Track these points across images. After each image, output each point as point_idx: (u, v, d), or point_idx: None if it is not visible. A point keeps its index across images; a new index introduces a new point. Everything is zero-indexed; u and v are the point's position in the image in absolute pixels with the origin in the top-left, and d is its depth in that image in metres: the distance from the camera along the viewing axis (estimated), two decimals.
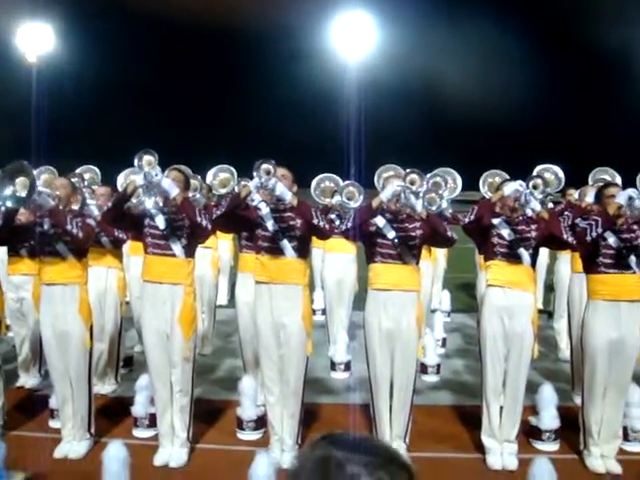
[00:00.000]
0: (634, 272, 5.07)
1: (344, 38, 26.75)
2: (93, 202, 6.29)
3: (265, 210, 5.23)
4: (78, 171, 8.07)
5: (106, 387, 6.76)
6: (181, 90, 31.49)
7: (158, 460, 5.12)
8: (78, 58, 27.17)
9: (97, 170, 8.49)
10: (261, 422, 5.66)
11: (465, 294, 11.95)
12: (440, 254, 9.77)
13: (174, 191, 5.02)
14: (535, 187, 5.15)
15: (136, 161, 5.02)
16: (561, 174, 7.13)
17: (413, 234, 5.18)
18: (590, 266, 5.18)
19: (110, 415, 6.02)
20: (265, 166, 4.95)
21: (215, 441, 5.62)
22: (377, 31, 27.37)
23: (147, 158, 5.02)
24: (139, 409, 5.67)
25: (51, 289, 5.32)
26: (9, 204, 4.92)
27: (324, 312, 8.77)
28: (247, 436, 5.67)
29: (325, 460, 1.22)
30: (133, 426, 5.69)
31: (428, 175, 7.04)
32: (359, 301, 7.24)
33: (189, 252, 5.23)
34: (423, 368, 7.22)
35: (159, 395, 5.24)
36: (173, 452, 5.18)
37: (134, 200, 5.52)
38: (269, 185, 4.96)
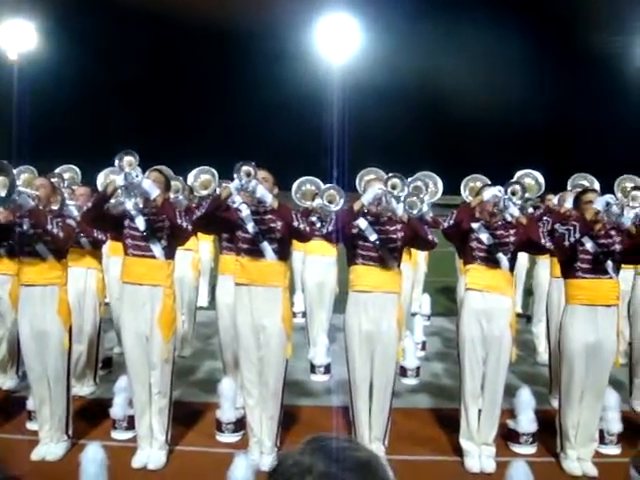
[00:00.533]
0: (611, 277, 5.14)
1: (328, 40, 26.86)
2: (72, 202, 6.25)
3: (246, 212, 5.24)
4: (58, 171, 8.03)
5: (84, 389, 6.71)
6: (163, 90, 31.31)
7: (136, 462, 5.10)
8: (60, 56, 26.95)
9: (77, 170, 8.45)
10: (240, 424, 5.65)
11: (445, 298, 12.00)
12: (421, 257, 9.82)
13: (154, 192, 5.00)
14: (514, 193, 5.20)
15: (116, 162, 5.00)
16: (541, 179, 7.19)
17: (394, 237, 5.21)
18: (568, 271, 5.23)
19: (88, 417, 5.99)
20: (245, 168, 4.96)
21: (194, 443, 5.61)
22: (361, 34, 27.51)
23: (127, 159, 5.00)
24: (117, 411, 5.64)
25: (30, 290, 5.29)
26: None
27: (304, 315, 8.77)
28: (226, 438, 5.67)
29: (307, 471, 1.21)
30: (111, 428, 5.66)
31: (409, 179, 7.08)
32: (339, 304, 7.26)
33: (169, 254, 5.22)
34: (402, 371, 7.25)
35: (138, 397, 5.22)
36: (151, 454, 5.16)
37: (113, 201, 5.50)
38: (249, 187, 4.97)
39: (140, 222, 5.17)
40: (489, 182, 6.63)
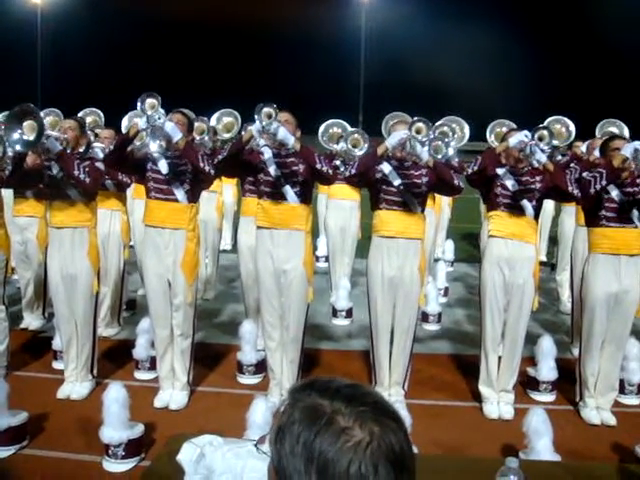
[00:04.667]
0: (636, 226, 5.03)
1: None
2: (99, 145, 6.21)
3: (268, 155, 5.18)
4: (81, 114, 8.00)
5: (109, 330, 6.82)
6: (188, 33, 30.97)
7: (158, 402, 5.19)
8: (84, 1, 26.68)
9: (100, 113, 8.43)
10: (261, 367, 5.72)
11: (468, 244, 11.95)
12: (445, 203, 9.73)
13: (177, 135, 4.96)
14: (541, 138, 5.08)
15: (139, 104, 4.96)
16: (572, 127, 7.04)
17: (419, 182, 5.15)
18: (592, 219, 5.14)
19: (113, 358, 6.10)
20: (266, 110, 4.89)
21: (215, 384, 5.69)
22: None
23: (150, 101, 4.95)
24: (140, 352, 5.72)
25: (60, 232, 5.32)
26: (18, 148, 4.86)
27: (327, 259, 8.78)
28: (247, 380, 5.74)
29: (313, 410, 1.21)
30: (135, 368, 5.76)
31: (436, 123, 6.97)
32: (362, 249, 7.25)
33: (192, 197, 5.21)
34: (424, 317, 7.26)
35: (160, 338, 5.28)
36: (173, 394, 5.24)
37: (138, 143, 5.48)
38: (271, 129, 4.90)
39: (163, 165, 5.14)
40: (515, 127, 6.49)
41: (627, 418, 5.17)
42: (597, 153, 6.27)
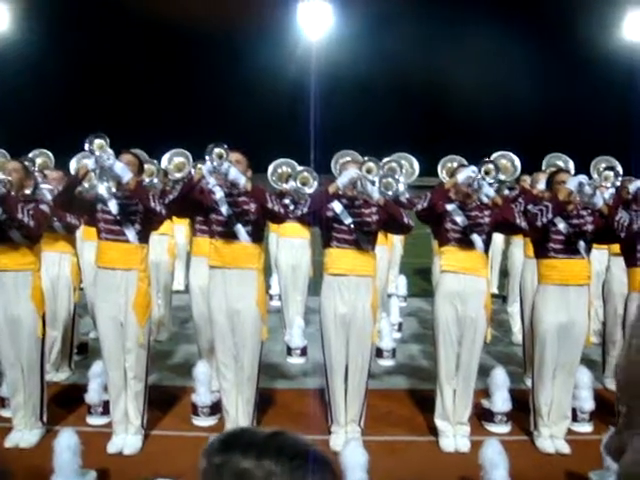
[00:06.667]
0: (582, 257, 5.18)
1: (305, 21, 26.59)
2: (46, 186, 6.14)
3: (219, 194, 5.20)
4: (30, 155, 7.91)
5: (59, 374, 6.67)
6: (136, 73, 30.94)
7: (112, 447, 5.08)
8: (26, 39, 26.44)
9: (50, 154, 8.33)
10: (216, 408, 5.64)
11: (421, 279, 12.05)
12: (397, 239, 9.83)
13: (127, 175, 4.94)
14: (487, 172, 5.21)
15: (87, 145, 4.94)
16: (517, 162, 7.20)
17: (369, 220, 5.20)
18: (540, 251, 5.27)
19: (64, 403, 5.95)
20: (217, 150, 4.91)
21: (170, 427, 5.59)
22: (336, 14, 27.31)
23: (98, 142, 4.94)
24: (93, 396, 5.60)
25: (3, 275, 5.22)
26: None
27: (280, 298, 8.77)
28: (202, 422, 5.66)
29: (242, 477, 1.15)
30: (87, 413, 5.63)
31: (384, 159, 7.06)
32: (316, 286, 7.26)
33: (143, 237, 5.17)
34: (379, 352, 7.28)
35: (113, 382, 5.19)
36: (127, 439, 5.14)
37: (86, 185, 5.44)
38: (222, 169, 4.92)
39: (113, 206, 5.11)
40: (466, 163, 6.62)
41: (580, 446, 5.24)
42: (541, 186, 6.45)
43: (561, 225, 5.17)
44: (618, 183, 6.26)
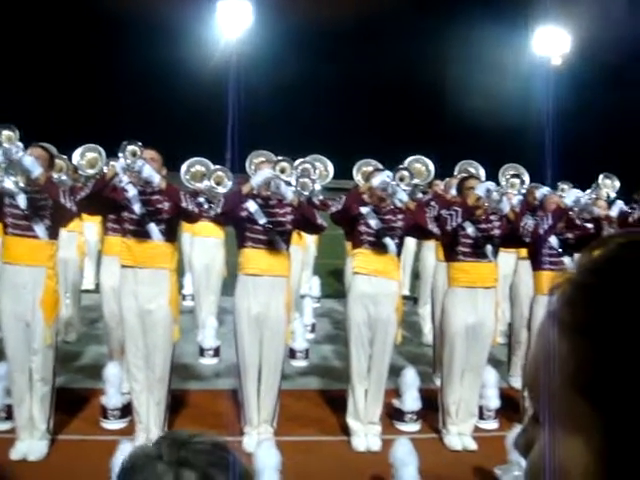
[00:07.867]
0: (490, 261, 5.36)
1: (223, 20, 26.47)
2: None
3: (132, 192, 5.10)
4: None
5: None
6: (51, 67, 29.97)
7: (16, 454, 4.88)
8: None
9: None
10: (126, 410, 5.53)
11: (335, 280, 12.14)
12: (310, 240, 9.87)
13: (37, 170, 4.79)
14: (402, 179, 5.32)
15: None
16: (431, 166, 7.35)
17: (283, 220, 5.23)
18: (450, 254, 5.42)
19: None
20: (131, 147, 4.83)
21: (78, 431, 5.45)
22: (255, 14, 27.29)
23: (6, 134, 4.79)
24: None
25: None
26: None
27: (193, 297, 8.68)
28: (112, 425, 5.54)
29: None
30: None
31: (297, 161, 7.10)
32: (229, 286, 7.22)
33: (53, 234, 5.02)
34: (292, 353, 7.30)
35: (17, 385, 5.01)
36: (32, 445, 4.96)
37: None
38: (135, 167, 4.84)
39: (22, 200, 4.93)
40: (381, 167, 6.72)
41: (486, 442, 5.42)
42: (454, 191, 6.62)
43: (470, 229, 5.33)
44: (524, 190, 6.50)
